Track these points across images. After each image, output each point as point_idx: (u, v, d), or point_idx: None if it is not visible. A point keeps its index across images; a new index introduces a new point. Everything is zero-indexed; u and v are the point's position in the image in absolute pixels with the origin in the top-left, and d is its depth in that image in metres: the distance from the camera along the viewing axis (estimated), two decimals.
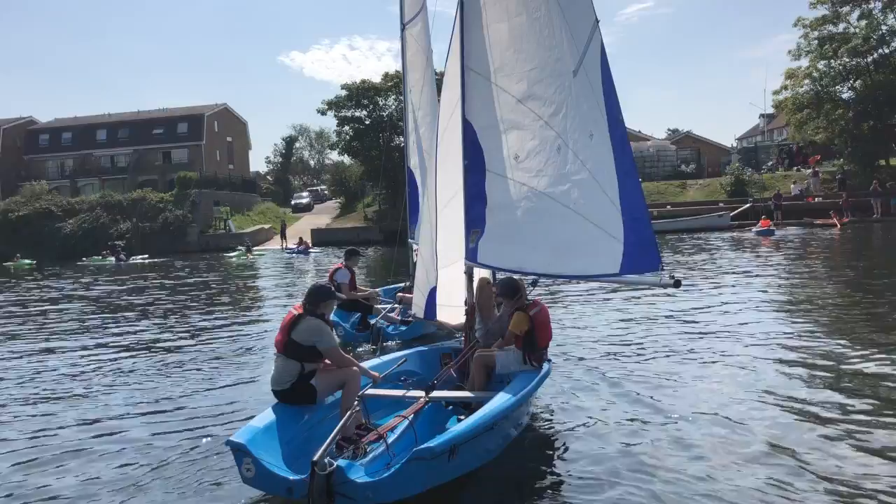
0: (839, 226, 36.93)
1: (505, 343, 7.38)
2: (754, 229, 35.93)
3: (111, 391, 9.88)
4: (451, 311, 8.48)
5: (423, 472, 5.23)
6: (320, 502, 5.09)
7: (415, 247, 14.79)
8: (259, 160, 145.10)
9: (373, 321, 12.28)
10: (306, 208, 70.06)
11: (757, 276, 19.66)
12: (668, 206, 45.92)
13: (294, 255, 42.78)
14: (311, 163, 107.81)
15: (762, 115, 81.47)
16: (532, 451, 6.77)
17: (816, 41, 46.57)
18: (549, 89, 7.30)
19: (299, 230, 53.18)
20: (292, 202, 72.88)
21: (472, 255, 7.76)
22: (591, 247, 7.08)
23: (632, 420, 7.46)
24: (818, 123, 47.03)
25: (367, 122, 53.37)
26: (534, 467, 6.40)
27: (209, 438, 7.39)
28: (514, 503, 5.79)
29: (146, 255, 46.05)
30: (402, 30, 14.64)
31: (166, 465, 6.75)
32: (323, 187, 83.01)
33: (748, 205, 42.85)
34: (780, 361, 9.63)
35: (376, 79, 54.39)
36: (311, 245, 45.74)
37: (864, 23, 45.66)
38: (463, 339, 8.00)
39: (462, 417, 6.57)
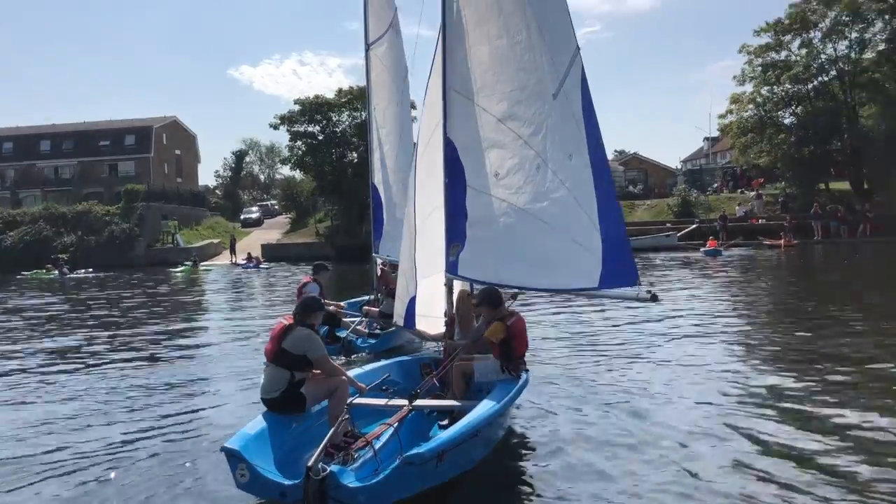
0: (783, 247, 38.12)
1: (480, 349, 7.50)
2: (702, 249, 36.81)
3: (43, 401, 9.94)
4: (431, 322, 8.66)
5: (413, 476, 5.44)
6: None
7: (378, 261, 15.33)
8: (208, 174, 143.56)
9: (342, 334, 12.48)
10: (256, 223, 69.42)
11: (708, 293, 20.19)
12: None
13: (245, 269, 42.35)
14: (261, 177, 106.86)
15: (706, 139, 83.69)
16: (511, 457, 7.05)
17: (760, 68, 48.06)
18: (528, 110, 7.62)
19: (249, 245, 52.62)
20: (242, 217, 72.10)
21: (452, 268, 7.96)
22: (570, 261, 7.39)
23: (599, 424, 7.83)
24: (761, 147, 48.44)
25: (320, 138, 53.20)
26: (513, 472, 6.67)
27: (186, 445, 7.53)
28: None
29: (90, 269, 44.92)
30: (367, 49, 15.11)
31: (143, 472, 6.85)
32: (273, 202, 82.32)
33: (695, 225, 43.89)
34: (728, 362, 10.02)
35: (328, 94, 54.56)
36: (262, 260, 45.25)
37: (804, 51, 47.33)
38: (442, 349, 8.15)
39: (444, 425, 6.86)
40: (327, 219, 57.19)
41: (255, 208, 76.65)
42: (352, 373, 7.41)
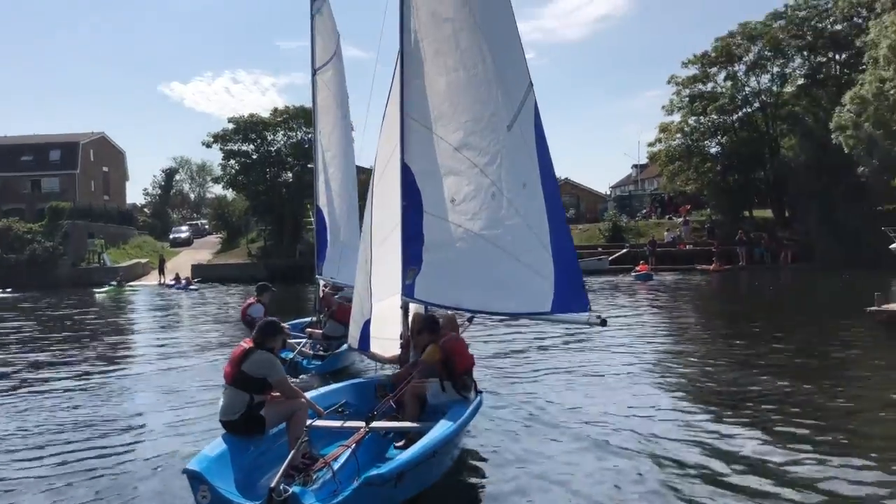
0: (711, 270, 39.40)
1: (422, 374, 7.57)
2: (633, 273, 37.64)
3: None
4: (384, 344, 8.79)
5: (372, 497, 5.60)
6: None
7: (322, 283, 15.46)
8: (136, 192, 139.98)
9: (286, 355, 12.27)
10: (185, 243, 68.04)
11: (641, 316, 20.69)
12: None
13: (175, 289, 41.36)
14: (192, 196, 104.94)
15: (634, 166, 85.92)
16: (464, 474, 7.33)
17: (688, 98, 49.73)
18: (484, 140, 7.93)
19: (178, 265, 51.38)
20: (171, 236, 70.58)
21: (408, 291, 8.16)
22: (524, 287, 7.65)
23: (549, 439, 8.32)
24: (688, 175, 50.05)
25: (254, 157, 52.63)
26: (465, 489, 7.01)
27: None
28: None
29: (8, 289, 43.09)
30: (314, 75, 15.56)
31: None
32: (203, 221, 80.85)
33: (625, 250, 44.92)
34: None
35: (263, 113, 54.08)
36: (192, 280, 44.13)
37: (729, 84, 49.19)
38: (397, 371, 8.33)
39: (399, 446, 7.06)
40: (260, 239, 56.44)
41: (184, 227, 75.13)
42: (308, 395, 7.41)
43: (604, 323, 7.50)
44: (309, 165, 52.31)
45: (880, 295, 16.49)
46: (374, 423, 6.85)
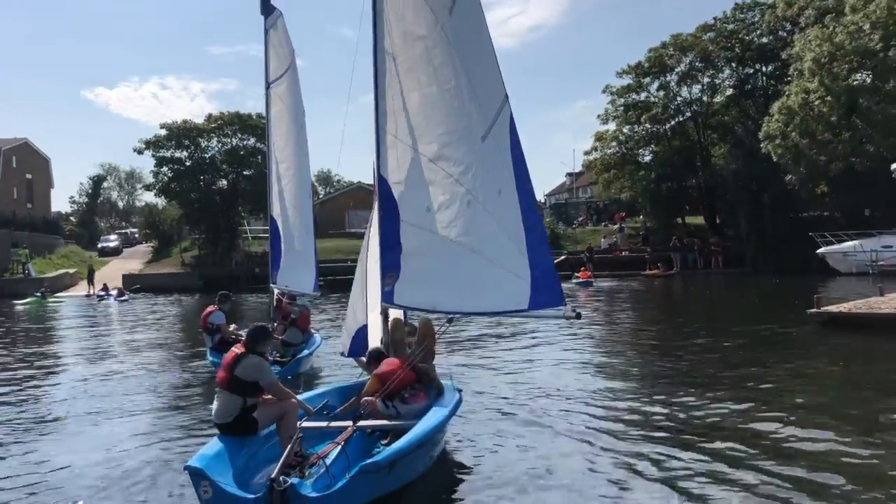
0: (656, 275, 40.94)
1: (373, 403, 7.64)
2: (573, 280, 38.11)
3: None
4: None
5: (368, 484, 6.11)
6: None
7: (276, 291, 15.69)
8: (61, 200, 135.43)
9: None
10: (114, 252, 65.92)
11: (588, 322, 20.98)
12: None
13: (104, 300, 39.95)
14: (120, 204, 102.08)
15: (569, 174, 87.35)
16: (448, 469, 7.85)
17: (622, 107, 50.72)
18: (458, 151, 8.29)
19: (108, 275, 49.67)
20: (99, 245, 68.39)
21: (388, 297, 8.61)
22: (501, 286, 8.02)
23: (521, 436, 8.80)
24: (623, 183, 51.07)
25: (187, 164, 51.47)
26: (450, 484, 7.41)
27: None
28: None
29: None
30: (267, 88, 15.71)
31: None
32: (133, 230, 78.71)
33: (563, 257, 45.44)
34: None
35: (193, 119, 52.85)
36: (124, 291, 42.47)
37: (662, 93, 50.37)
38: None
39: (385, 443, 7.50)
40: (194, 248, 55.19)
41: (113, 236, 72.94)
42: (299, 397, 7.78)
43: (578, 316, 8.00)
44: (245, 173, 52.23)
45: (820, 297, 17.08)
46: (361, 423, 7.31)
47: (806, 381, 11.75)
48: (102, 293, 43.16)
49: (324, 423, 7.43)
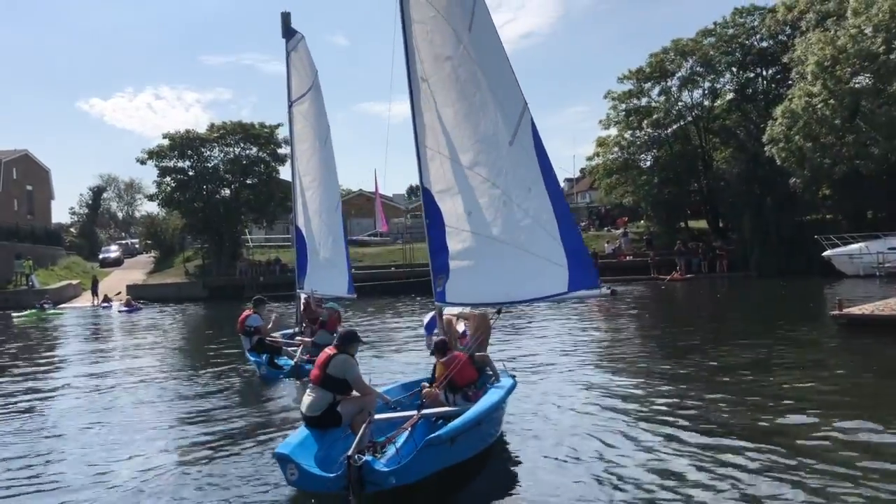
0: (674, 279, 41.00)
1: (435, 391, 8.62)
2: None
3: None
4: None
5: (432, 457, 6.87)
6: (356, 489, 6.58)
7: (302, 296, 16.76)
8: (60, 211, 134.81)
9: (280, 362, 14.55)
10: (115, 263, 65.84)
11: (597, 326, 21.01)
12: None
13: (113, 311, 39.71)
14: (120, 215, 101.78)
15: (568, 179, 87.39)
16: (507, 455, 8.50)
17: (624, 113, 50.87)
18: (489, 157, 9.15)
19: (109, 286, 49.49)
20: (100, 256, 68.25)
21: (440, 297, 9.50)
22: (541, 274, 8.77)
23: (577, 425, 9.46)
24: (626, 188, 51.19)
25: (190, 173, 51.41)
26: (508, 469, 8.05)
27: None
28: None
29: None
30: (290, 107, 17.09)
31: None
32: (133, 241, 78.55)
33: None
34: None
35: (193, 129, 52.77)
36: (133, 301, 41.70)
37: (663, 98, 50.54)
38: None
39: None
40: (196, 257, 55.11)
41: (114, 247, 72.80)
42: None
43: (614, 293, 9.03)
44: (248, 181, 52.18)
45: (842, 300, 17.13)
46: (425, 411, 8.21)
47: (839, 384, 11.79)
48: (106, 304, 43.04)
49: (392, 415, 8.29)
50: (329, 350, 8.11)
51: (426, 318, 10.68)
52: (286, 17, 17.20)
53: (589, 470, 7.71)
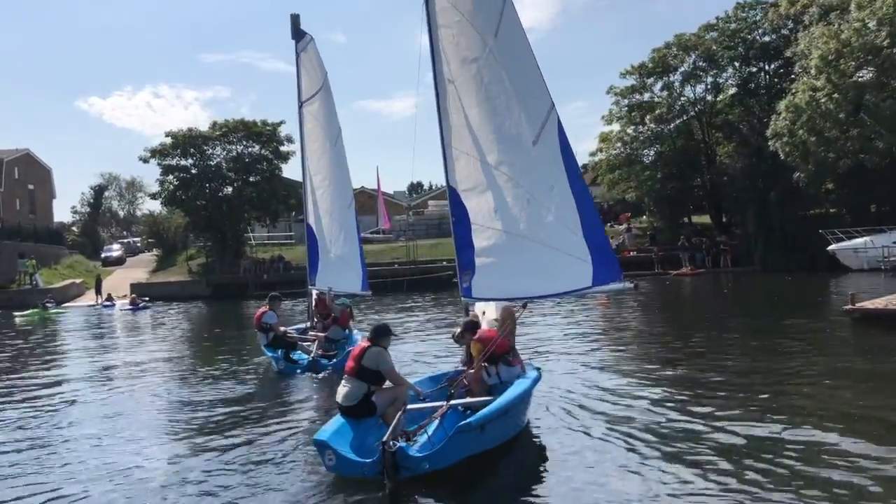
0: (685, 274, 41.03)
1: (477, 368, 9.08)
2: None
3: None
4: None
5: (463, 443, 7.28)
6: (391, 473, 7.04)
7: (314, 292, 17.17)
8: (61, 210, 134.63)
9: (300, 358, 15.03)
10: (118, 261, 65.76)
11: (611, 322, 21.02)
12: None
13: (115, 310, 39.67)
14: (121, 213, 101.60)
15: None
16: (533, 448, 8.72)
17: (626, 108, 50.82)
18: (514, 156, 9.40)
19: (112, 285, 49.49)
20: (102, 255, 68.15)
21: (466, 293, 9.84)
22: (565, 269, 9.04)
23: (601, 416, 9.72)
24: (628, 183, 51.16)
25: (193, 172, 51.34)
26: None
27: None
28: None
29: None
30: (300, 107, 17.44)
31: None
32: (135, 239, 78.47)
33: None
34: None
35: (196, 127, 52.70)
36: (139, 299, 41.37)
37: (665, 93, 50.49)
38: (465, 360, 9.88)
39: None
40: (199, 255, 55.06)
41: (115, 246, 72.71)
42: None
43: (636, 286, 9.26)
44: (251, 179, 52.10)
45: (855, 294, 17.13)
46: (453, 401, 8.54)
47: (857, 380, 11.73)
48: (108, 303, 43.02)
49: (421, 405, 8.64)
50: (363, 343, 8.51)
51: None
52: (296, 19, 17.36)
53: (613, 462, 7.86)
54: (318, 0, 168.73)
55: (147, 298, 43.21)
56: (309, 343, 15.40)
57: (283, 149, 51.89)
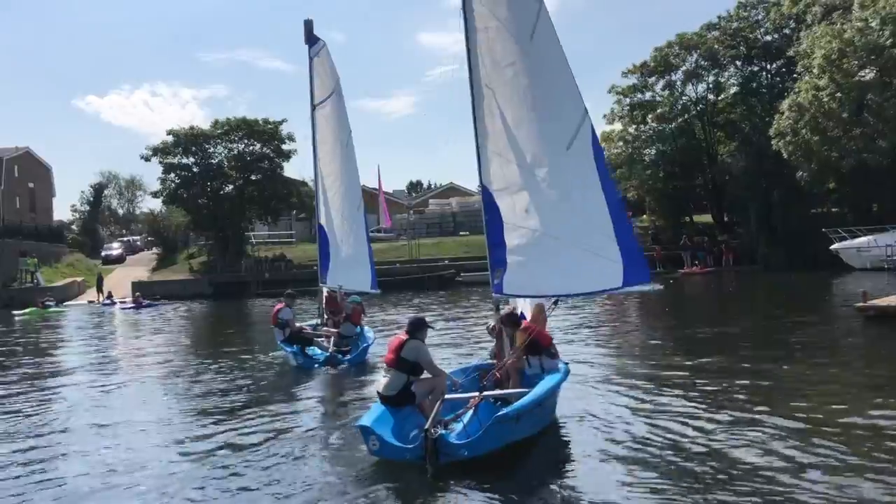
0: (695, 273, 41.14)
1: (518, 356, 9.42)
2: None
3: None
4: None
5: (501, 432, 7.66)
6: (432, 459, 7.43)
7: (325, 290, 17.67)
8: (60, 209, 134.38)
9: (315, 353, 15.60)
10: (118, 260, 65.66)
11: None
12: None
13: (133, 310, 39.51)
14: (120, 211, 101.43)
15: None
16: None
17: (628, 107, 50.91)
18: (547, 159, 9.69)
19: (113, 283, 49.33)
20: (102, 253, 68.05)
21: (498, 289, 10.11)
22: (596, 269, 9.27)
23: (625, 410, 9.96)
24: (630, 182, 51.24)
25: (195, 170, 51.31)
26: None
27: None
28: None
29: None
30: (313, 110, 17.98)
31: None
32: (135, 238, 78.38)
33: None
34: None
35: (197, 125, 52.71)
36: (142, 298, 41.12)
37: (667, 92, 50.60)
38: (495, 354, 10.29)
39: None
40: (201, 254, 55.02)
41: (115, 244, 72.61)
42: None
43: (663, 288, 9.16)
44: (252, 178, 52.11)
45: (866, 291, 17.20)
46: (486, 392, 8.94)
47: (875, 378, 11.79)
48: (108, 301, 42.96)
49: (455, 396, 8.93)
50: (401, 336, 8.87)
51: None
52: (309, 25, 17.88)
53: (635, 455, 7.97)
54: None
55: (158, 297, 42.99)
56: (324, 339, 16.00)
57: (285, 147, 51.89)
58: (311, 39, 17.86)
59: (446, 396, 8.75)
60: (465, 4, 10.14)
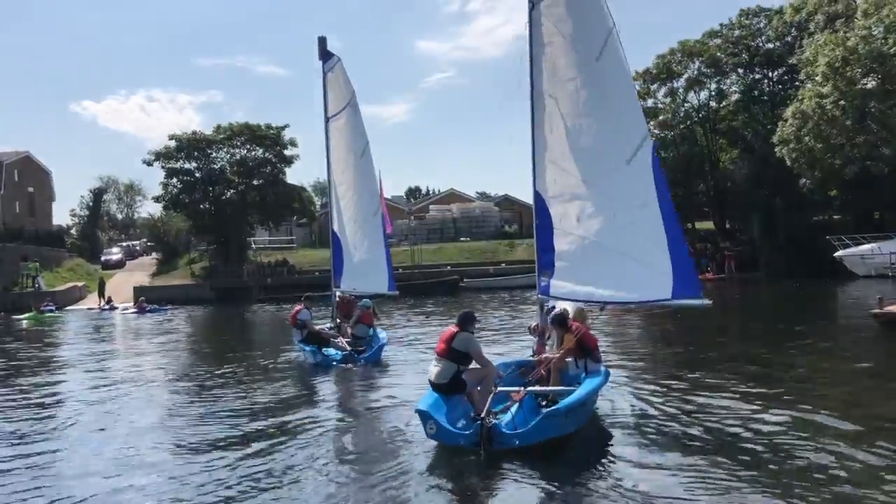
0: (707, 278, 40.76)
1: (564, 356, 9.84)
2: None
3: None
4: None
5: (550, 425, 8.18)
6: (486, 445, 8.05)
7: (338, 294, 18.38)
8: (60, 213, 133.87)
9: (331, 353, 16.20)
10: (118, 265, 65.49)
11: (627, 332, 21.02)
12: (503, 264, 47.94)
13: (117, 313, 39.38)
14: (119, 216, 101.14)
15: None
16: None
17: None
18: (605, 171, 9.98)
19: (113, 288, 49.16)
20: (102, 258, 67.88)
21: (544, 290, 10.59)
22: (646, 281, 9.54)
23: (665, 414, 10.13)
24: None
25: (197, 175, 51.25)
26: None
27: None
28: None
29: None
30: (327, 122, 18.68)
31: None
32: (135, 243, 78.20)
33: None
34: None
35: (194, 130, 52.62)
36: (146, 303, 40.63)
37: (669, 99, 50.73)
38: (536, 351, 10.74)
39: (544, 405, 9.45)
40: (203, 259, 54.91)
41: (115, 249, 72.45)
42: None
43: (711, 303, 9.53)
44: (254, 183, 52.06)
45: (882, 297, 17.24)
46: (530, 388, 9.46)
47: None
48: (107, 307, 42.84)
49: (500, 389, 9.33)
50: (452, 328, 9.30)
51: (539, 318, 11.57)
52: (323, 42, 18.51)
53: (670, 457, 8.11)
54: (314, 5, 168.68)
55: (166, 303, 42.54)
56: (340, 339, 16.75)
57: (287, 152, 51.82)
58: (326, 55, 18.58)
59: (498, 389, 9.26)
60: (531, 17, 10.58)
